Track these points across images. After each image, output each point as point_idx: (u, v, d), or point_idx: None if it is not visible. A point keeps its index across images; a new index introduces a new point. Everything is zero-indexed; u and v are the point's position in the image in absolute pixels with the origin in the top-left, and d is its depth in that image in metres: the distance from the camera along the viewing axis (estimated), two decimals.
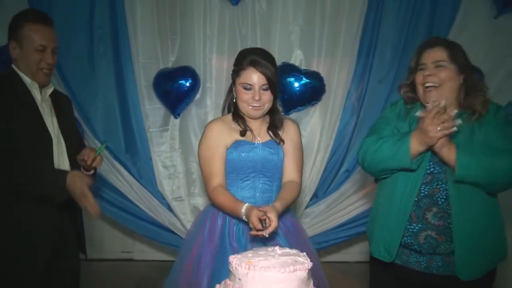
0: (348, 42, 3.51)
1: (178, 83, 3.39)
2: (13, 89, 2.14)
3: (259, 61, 2.12)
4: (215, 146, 2.18)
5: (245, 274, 1.29)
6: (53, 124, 2.22)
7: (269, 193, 2.19)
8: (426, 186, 1.94)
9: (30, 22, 2.15)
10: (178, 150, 3.62)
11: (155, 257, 4.13)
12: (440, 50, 1.97)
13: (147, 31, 3.46)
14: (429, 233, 1.93)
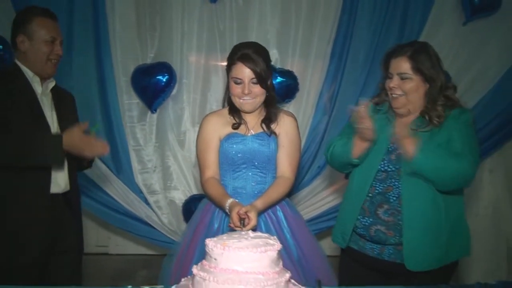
0: (322, 44, 3.60)
1: (155, 78, 3.43)
2: (14, 82, 2.21)
3: (248, 56, 2.16)
4: (209, 138, 2.27)
5: (220, 254, 1.38)
6: (52, 118, 2.30)
7: (261, 184, 2.26)
8: (380, 183, 2.07)
9: (39, 16, 2.25)
10: (155, 144, 3.66)
11: (130, 250, 4.21)
12: (404, 61, 2.01)
13: (127, 27, 3.49)
14: (379, 227, 2.05)
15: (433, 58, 2.04)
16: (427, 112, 2.02)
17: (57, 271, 2.29)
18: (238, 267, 1.36)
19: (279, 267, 1.42)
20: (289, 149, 2.28)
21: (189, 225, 2.42)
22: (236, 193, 2.24)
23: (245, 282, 1.32)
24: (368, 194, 2.09)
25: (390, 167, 2.05)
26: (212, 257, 1.40)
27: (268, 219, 2.25)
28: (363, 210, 2.10)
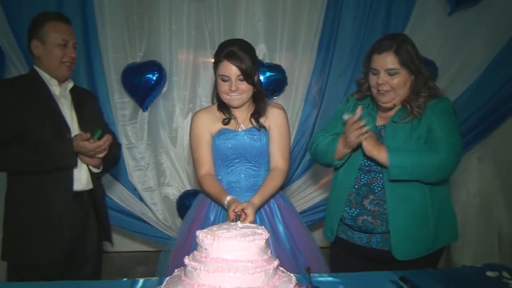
0: (308, 37, 3.63)
1: (145, 77, 3.46)
2: (31, 87, 2.27)
3: (234, 53, 2.17)
4: (201, 134, 2.29)
5: (210, 244, 1.43)
6: (72, 118, 2.35)
7: (255, 177, 2.29)
8: (365, 175, 2.11)
9: (50, 21, 2.29)
10: (148, 142, 3.69)
11: (127, 248, 4.23)
12: (391, 57, 2.00)
13: (116, 26, 3.51)
14: (366, 217, 2.09)
15: (414, 49, 2.05)
16: (409, 102, 2.04)
17: (79, 266, 2.36)
18: (228, 256, 1.41)
19: (267, 255, 1.47)
20: (280, 141, 2.31)
21: (184, 220, 2.46)
22: (230, 188, 2.28)
23: (234, 269, 1.37)
24: (354, 186, 2.12)
25: (372, 162, 2.07)
26: (202, 247, 1.45)
27: (262, 211, 2.29)
28: (349, 201, 2.14)
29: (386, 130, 2.09)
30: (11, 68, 3.41)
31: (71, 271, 2.29)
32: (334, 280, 1.79)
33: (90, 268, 2.41)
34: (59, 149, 2.19)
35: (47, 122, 2.24)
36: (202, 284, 1.39)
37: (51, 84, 2.32)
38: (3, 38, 3.36)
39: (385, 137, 2.07)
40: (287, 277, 1.51)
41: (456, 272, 1.92)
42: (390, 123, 2.09)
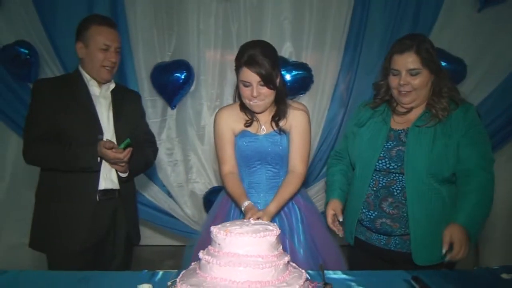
0: (336, 35, 3.64)
1: (173, 76, 3.54)
2: (72, 86, 2.35)
3: (254, 59, 2.13)
4: (223, 133, 2.32)
5: (223, 239, 1.49)
6: (108, 119, 2.40)
7: (276, 178, 2.31)
8: (384, 177, 2.08)
9: (95, 24, 2.33)
10: (176, 139, 3.78)
11: (158, 242, 4.33)
12: (412, 57, 1.98)
13: (146, 26, 3.60)
14: (384, 220, 2.08)
15: (434, 48, 2.02)
16: (433, 105, 2.03)
17: (108, 260, 2.43)
18: (239, 251, 1.47)
19: (278, 251, 1.52)
20: (299, 144, 2.29)
21: (208, 215, 2.52)
22: (251, 187, 2.33)
23: (245, 264, 1.43)
24: (372, 188, 2.12)
25: (391, 165, 2.07)
26: (216, 242, 1.52)
27: (281, 212, 2.32)
28: (367, 203, 2.13)
29: (408, 135, 2.06)
30: (45, 68, 3.56)
31: (102, 264, 2.37)
32: (347, 277, 1.81)
33: (120, 261, 2.48)
34: (84, 152, 2.26)
35: (80, 122, 2.31)
36: (214, 277, 1.45)
37: (91, 85, 2.39)
38: (37, 39, 3.51)
39: (408, 142, 2.05)
40: (298, 273, 1.55)
41: (470, 274, 1.90)
42: (413, 127, 2.06)
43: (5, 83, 3.55)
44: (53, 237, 2.32)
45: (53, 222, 2.32)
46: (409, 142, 2.04)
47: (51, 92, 2.31)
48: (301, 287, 1.46)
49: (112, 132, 2.40)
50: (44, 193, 2.38)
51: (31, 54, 3.47)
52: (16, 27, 3.50)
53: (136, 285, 1.68)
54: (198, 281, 1.47)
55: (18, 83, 3.57)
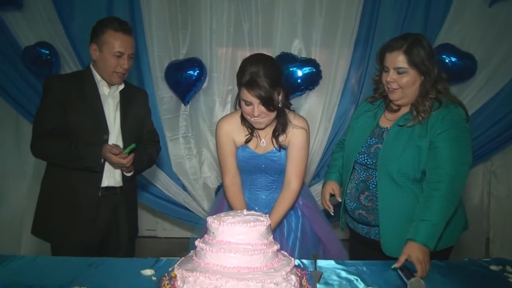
0: (346, 32, 3.66)
1: (186, 73, 3.64)
2: (82, 84, 2.40)
3: (254, 81, 2.11)
4: (224, 144, 2.36)
5: (217, 228, 1.60)
6: (114, 119, 2.46)
7: (274, 184, 2.41)
8: (364, 172, 2.19)
9: (111, 30, 2.35)
10: (189, 134, 3.89)
11: (175, 234, 4.50)
12: (400, 56, 2.03)
13: (160, 25, 3.70)
14: (361, 211, 2.19)
15: (427, 50, 2.05)
16: (416, 105, 2.07)
17: (113, 252, 2.49)
18: (231, 239, 1.57)
19: (268, 240, 1.62)
20: (297, 160, 2.34)
21: (212, 205, 2.65)
22: (253, 189, 2.44)
23: (235, 250, 1.54)
24: (355, 180, 2.22)
25: (368, 160, 2.16)
26: (210, 231, 1.63)
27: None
28: (350, 195, 2.25)
29: (388, 134, 2.14)
30: (66, 68, 3.71)
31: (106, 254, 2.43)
32: (338, 266, 1.91)
33: (123, 254, 2.52)
34: (88, 153, 2.32)
35: (87, 121, 2.37)
36: (207, 262, 1.56)
37: (101, 85, 2.43)
38: (57, 40, 3.66)
39: (384, 141, 2.13)
40: (287, 260, 1.65)
41: (459, 265, 1.97)
42: (394, 126, 2.13)
43: (27, 82, 3.74)
44: (56, 230, 2.41)
45: (56, 215, 2.41)
46: (386, 141, 2.12)
47: (61, 88, 2.36)
48: (288, 273, 1.56)
49: (118, 132, 2.47)
50: (48, 185, 2.47)
51: (52, 54, 3.62)
52: (37, 28, 3.67)
53: (140, 270, 1.82)
54: (193, 266, 1.58)
55: (40, 82, 3.70)
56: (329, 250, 2.44)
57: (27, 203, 3.97)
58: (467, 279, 1.83)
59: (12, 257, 1.97)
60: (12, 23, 3.66)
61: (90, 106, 2.39)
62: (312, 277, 1.72)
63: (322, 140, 3.79)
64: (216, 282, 1.47)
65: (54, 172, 2.45)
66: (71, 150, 2.32)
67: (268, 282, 1.48)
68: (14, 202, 4.05)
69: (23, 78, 3.75)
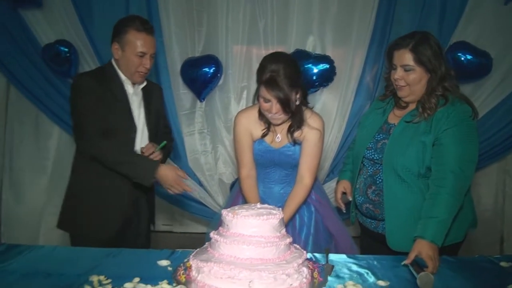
0: (361, 29, 3.69)
1: (202, 70, 3.69)
2: (110, 82, 2.39)
3: (273, 80, 2.16)
4: (242, 138, 2.43)
5: (231, 221, 1.66)
6: (139, 117, 2.47)
7: (288, 177, 2.46)
8: (371, 167, 2.23)
9: (134, 30, 2.33)
10: (204, 130, 3.94)
11: (191, 229, 4.54)
12: (407, 54, 2.06)
13: (177, 24, 3.76)
14: (368, 205, 2.23)
15: (434, 47, 2.06)
16: (423, 102, 2.10)
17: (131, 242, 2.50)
18: (244, 231, 1.63)
19: (280, 233, 1.67)
20: (310, 156, 2.39)
21: (227, 199, 2.70)
22: (267, 181, 2.49)
23: (248, 242, 1.59)
24: (364, 175, 2.26)
25: (375, 155, 2.20)
26: (225, 223, 1.69)
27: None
28: (359, 189, 2.29)
29: (395, 129, 2.17)
30: (84, 65, 3.79)
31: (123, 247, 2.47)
32: (349, 260, 1.94)
33: (141, 245, 2.57)
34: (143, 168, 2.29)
35: (118, 120, 2.37)
36: (221, 253, 1.62)
37: (126, 83, 2.43)
38: (77, 38, 3.74)
39: (391, 136, 2.16)
40: (299, 253, 1.69)
41: (469, 261, 1.99)
42: (401, 122, 2.17)
43: (47, 79, 3.82)
44: (83, 223, 2.41)
45: (84, 209, 2.42)
46: (392, 137, 2.15)
47: (98, 87, 2.33)
48: (299, 265, 1.61)
49: (143, 128, 2.49)
50: (78, 179, 2.47)
51: (71, 52, 3.69)
52: (56, 26, 3.75)
53: (156, 261, 1.87)
54: (207, 256, 1.64)
55: (60, 79, 3.83)
56: (341, 246, 2.48)
57: (46, 198, 4.08)
58: (477, 274, 1.83)
59: (31, 247, 2.02)
60: (32, 21, 3.75)
61: (119, 105, 2.40)
62: (323, 270, 1.76)
63: (336, 137, 3.81)
64: (229, 272, 1.53)
65: (87, 167, 2.42)
66: (131, 159, 2.32)
67: (280, 273, 1.53)
68: (33, 197, 4.15)
69: (43, 75, 3.83)
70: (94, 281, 1.66)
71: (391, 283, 1.71)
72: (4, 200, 4.19)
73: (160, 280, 1.66)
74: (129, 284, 1.65)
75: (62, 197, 2.53)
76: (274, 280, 1.52)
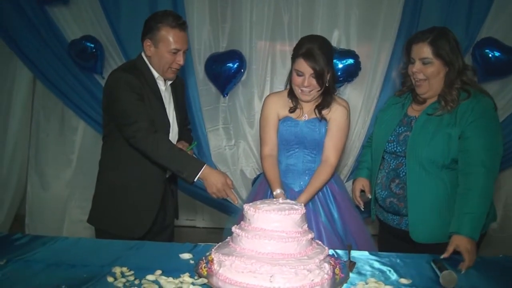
0: (388, 24, 3.66)
1: (226, 65, 3.69)
2: (147, 81, 2.34)
3: (311, 53, 2.28)
4: (269, 116, 2.49)
5: (252, 215, 1.66)
6: (169, 112, 2.45)
7: (311, 163, 2.46)
8: (393, 160, 2.23)
9: (167, 26, 2.27)
10: (227, 125, 3.95)
11: (214, 224, 4.60)
12: (425, 47, 2.09)
13: (201, 20, 3.78)
14: (392, 199, 2.21)
15: (452, 42, 2.09)
16: (444, 96, 2.11)
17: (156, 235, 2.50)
18: (266, 226, 1.63)
19: (302, 228, 1.66)
20: (336, 136, 2.43)
21: (248, 196, 2.70)
22: (288, 170, 2.49)
23: (269, 237, 1.59)
24: (385, 169, 2.25)
25: (398, 148, 2.19)
26: (247, 218, 1.69)
27: (316, 197, 2.47)
28: (381, 184, 2.27)
29: (417, 121, 2.17)
30: (110, 61, 3.85)
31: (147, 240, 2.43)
32: (372, 257, 1.92)
33: (165, 239, 2.58)
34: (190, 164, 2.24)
35: (156, 117, 2.32)
36: (243, 248, 1.62)
37: (158, 80, 2.40)
38: (103, 34, 3.80)
39: (414, 128, 2.16)
40: (321, 249, 1.68)
41: (493, 261, 1.94)
42: (423, 114, 2.16)
43: (73, 74, 3.88)
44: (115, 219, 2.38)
45: (118, 205, 2.39)
46: (415, 128, 2.15)
47: (136, 84, 2.27)
48: (321, 261, 1.60)
49: (174, 124, 2.48)
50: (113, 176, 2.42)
51: (97, 48, 3.74)
52: (83, 23, 3.81)
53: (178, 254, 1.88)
54: (229, 250, 1.64)
55: (85, 75, 3.88)
56: (359, 242, 2.45)
57: (70, 191, 4.16)
58: (502, 274, 1.80)
59: (56, 238, 2.05)
60: (59, 17, 3.82)
61: (156, 102, 2.37)
62: (345, 266, 1.74)
63: (360, 134, 3.78)
64: (251, 267, 1.53)
65: (116, 164, 2.42)
66: (179, 154, 2.26)
67: (301, 268, 1.53)
68: (58, 190, 4.23)
69: (69, 71, 3.90)
70: (117, 272, 1.68)
71: (414, 281, 1.69)
72: (29, 192, 4.29)
73: (182, 273, 1.67)
74: (151, 276, 1.66)
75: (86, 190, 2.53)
76: (295, 275, 1.51)
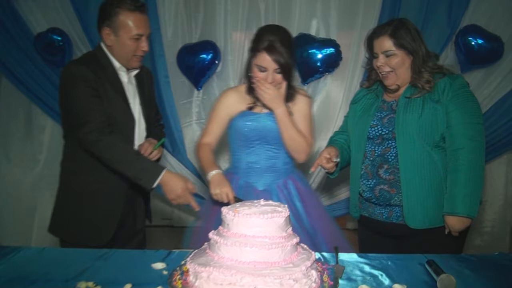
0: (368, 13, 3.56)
1: (199, 57, 3.55)
2: (105, 73, 2.16)
3: (274, 47, 2.16)
4: (220, 112, 2.37)
5: (231, 220, 1.50)
6: (134, 105, 2.28)
7: (274, 159, 2.34)
8: (379, 146, 2.18)
9: (126, 10, 2.11)
10: (202, 120, 3.79)
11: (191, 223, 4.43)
12: (386, 40, 2.12)
13: (173, 10, 3.61)
14: (382, 187, 2.15)
15: (413, 31, 2.13)
16: (416, 82, 2.13)
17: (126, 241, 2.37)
18: (247, 232, 1.47)
19: (286, 233, 1.51)
20: (303, 124, 2.33)
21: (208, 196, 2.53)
22: (250, 168, 2.36)
23: (251, 244, 1.43)
24: (369, 158, 2.19)
25: (383, 130, 2.16)
26: (225, 222, 1.53)
27: (279, 192, 2.34)
28: (366, 173, 2.20)
29: (398, 104, 2.16)
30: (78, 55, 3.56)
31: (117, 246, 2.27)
32: (361, 260, 1.79)
33: (136, 245, 2.43)
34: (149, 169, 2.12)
35: (117, 111, 2.18)
36: (221, 256, 1.46)
37: (121, 71, 2.23)
38: (70, 26, 3.61)
39: (398, 109, 2.14)
40: (307, 254, 1.54)
41: (487, 259, 1.86)
42: (402, 98, 2.16)
43: (40, 69, 3.70)
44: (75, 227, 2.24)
45: (79, 212, 2.24)
46: (399, 109, 2.14)
47: (91, 78, 2.10)
48: (308, 268, 1.46)
49: (140, 118, 2.32)
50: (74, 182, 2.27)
51: (64, 41, 3.58)
52: (49, 14, 3.62)
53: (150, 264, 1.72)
54: (206, 260, 1.48)
55: (53, 70, 3.69)
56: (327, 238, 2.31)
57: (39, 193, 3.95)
58: (499, 274, 1.70)
59: (18, 249, 1.88)
60: (24, 9, 3.62)
61: (116, 95, 2.19)
62: (333, 272, 1.61)
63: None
64: (230, 278, 1.38)
65: (79, 166, 2.25)
66: (135, 158, 2.13)
67: (287, 278, 1.38)
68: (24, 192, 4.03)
69: (36, 66, 3.72)
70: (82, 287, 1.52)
71: (409, 286, 1.56)
72: None
73: (154, 286, 1.52)
74: None
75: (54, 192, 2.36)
76: (280, 286, 1.37)
